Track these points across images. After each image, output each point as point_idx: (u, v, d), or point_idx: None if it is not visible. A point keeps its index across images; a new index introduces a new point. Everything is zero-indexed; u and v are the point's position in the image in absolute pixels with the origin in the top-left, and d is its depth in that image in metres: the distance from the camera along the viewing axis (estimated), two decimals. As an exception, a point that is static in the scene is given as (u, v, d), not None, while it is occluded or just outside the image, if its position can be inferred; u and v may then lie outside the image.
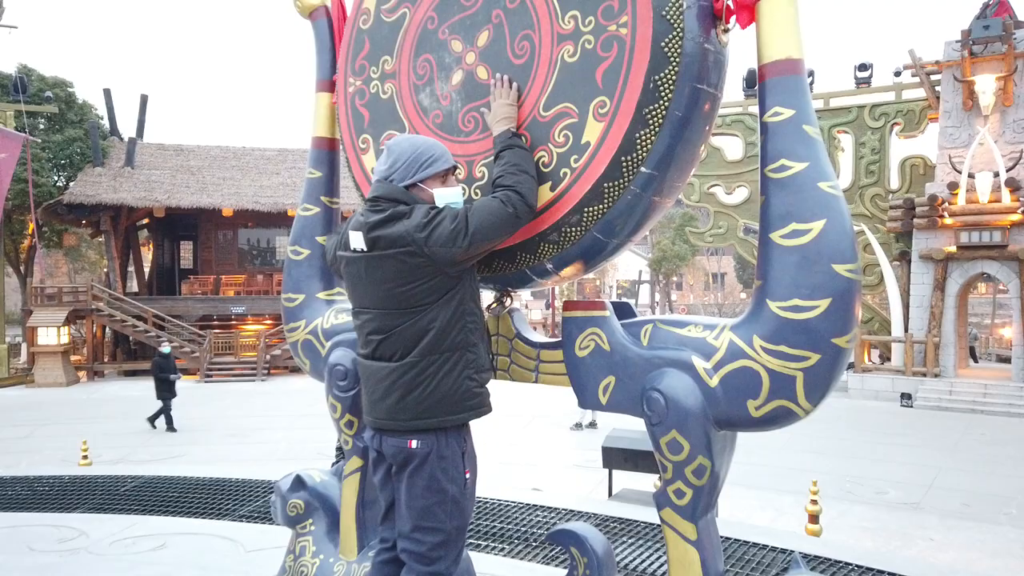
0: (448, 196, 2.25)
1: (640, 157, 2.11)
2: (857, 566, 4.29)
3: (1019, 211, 16.41)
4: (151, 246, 31.07)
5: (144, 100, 28.87)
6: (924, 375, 17.56)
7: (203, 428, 14.38)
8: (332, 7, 3.05)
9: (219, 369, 23.56)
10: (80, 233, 32.24)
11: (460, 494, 2.26)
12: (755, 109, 17.15)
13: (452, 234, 2.12)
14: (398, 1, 2.65)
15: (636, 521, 5.01)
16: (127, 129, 28.81)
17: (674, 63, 2.04)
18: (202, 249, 29.17)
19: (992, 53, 17.38)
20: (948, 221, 17.30)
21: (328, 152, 3.08)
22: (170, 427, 13.97)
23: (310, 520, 3.06)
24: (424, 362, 2.21)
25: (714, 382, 2.05)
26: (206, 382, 22.58)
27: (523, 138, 2.30)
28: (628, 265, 64.46)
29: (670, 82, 2.05)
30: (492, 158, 2.33)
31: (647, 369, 2.17)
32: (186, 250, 30.82)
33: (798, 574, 2.06)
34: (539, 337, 2.55)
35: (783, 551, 4.55)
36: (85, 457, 8.82)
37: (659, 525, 4.99)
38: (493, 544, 4.63)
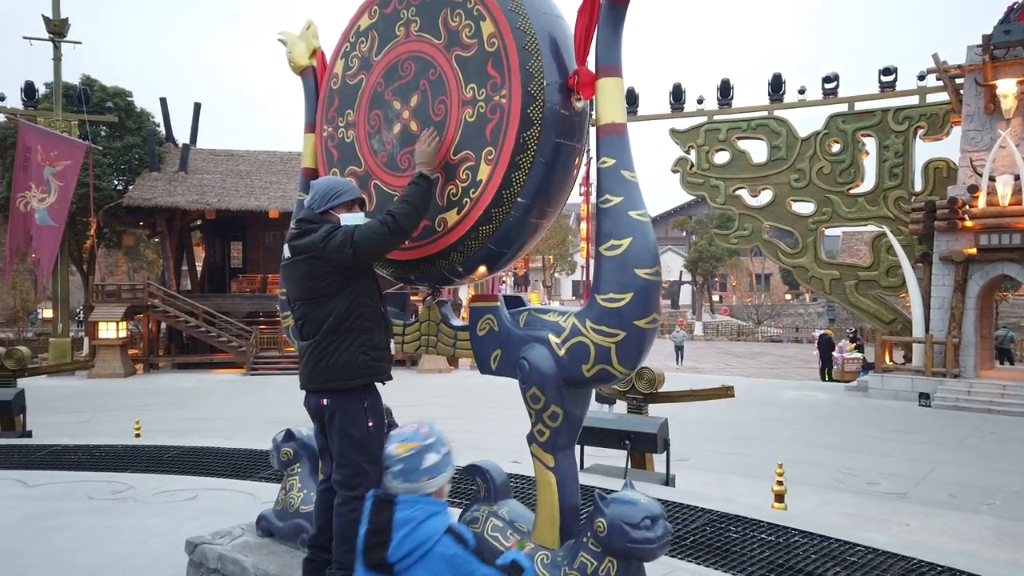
0: (351, 219, 3.04)
1: (516, 191, 2.92)
2: (822, 536, 4.81)
3: (1039, 213, 16.55)
4: (204, 246, 32.62)
5: (197, 108, 30.19)
6: (944, 375, 17.69)
7: (246, 416, 15.46)
8: (317, 67, 3.90)
9: (264, 363, 24.78)
10: (138, 234, 33.94)
11: (364, 437, 3.01)
12: (780, 113, 17.54)
13: (341, 244, 2.92)
14: (357, 69, 3.51)
15: (595, 487, 5.79)
16: (182, 135, 30.27)
17: (537, 124, 2.85)
18: (251, 249, 30.53)
19: (1014, 57, 17.45)
20: (968, 223, 17.44)
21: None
22: None
23: (297, 464, 3.93)
24: (327, 340, 3.00)
25: (562, 352, 2.84)
26: (252, 375, 23.86)
27: (429, 180, 3.04)
28: (668, 267, 64.54)
29: (535, 138, 2.86)
30: None
31: (521, 344, 2.98)
32: (236, 250, 32.22)
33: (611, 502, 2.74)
34: (459, 322, 3.39)
35: (746, 519, 5.20)
36: (138, 434, 9.94)
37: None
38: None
